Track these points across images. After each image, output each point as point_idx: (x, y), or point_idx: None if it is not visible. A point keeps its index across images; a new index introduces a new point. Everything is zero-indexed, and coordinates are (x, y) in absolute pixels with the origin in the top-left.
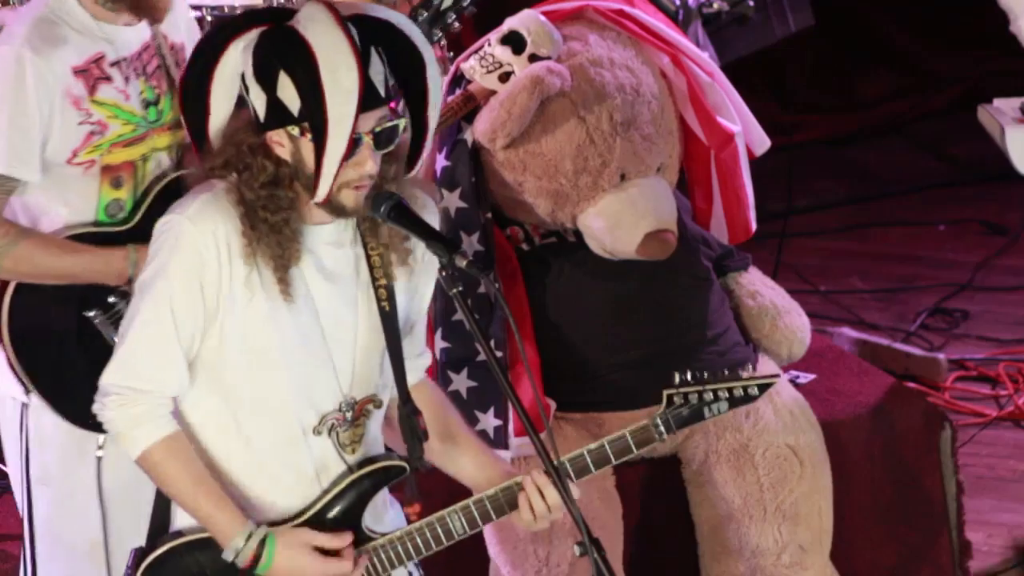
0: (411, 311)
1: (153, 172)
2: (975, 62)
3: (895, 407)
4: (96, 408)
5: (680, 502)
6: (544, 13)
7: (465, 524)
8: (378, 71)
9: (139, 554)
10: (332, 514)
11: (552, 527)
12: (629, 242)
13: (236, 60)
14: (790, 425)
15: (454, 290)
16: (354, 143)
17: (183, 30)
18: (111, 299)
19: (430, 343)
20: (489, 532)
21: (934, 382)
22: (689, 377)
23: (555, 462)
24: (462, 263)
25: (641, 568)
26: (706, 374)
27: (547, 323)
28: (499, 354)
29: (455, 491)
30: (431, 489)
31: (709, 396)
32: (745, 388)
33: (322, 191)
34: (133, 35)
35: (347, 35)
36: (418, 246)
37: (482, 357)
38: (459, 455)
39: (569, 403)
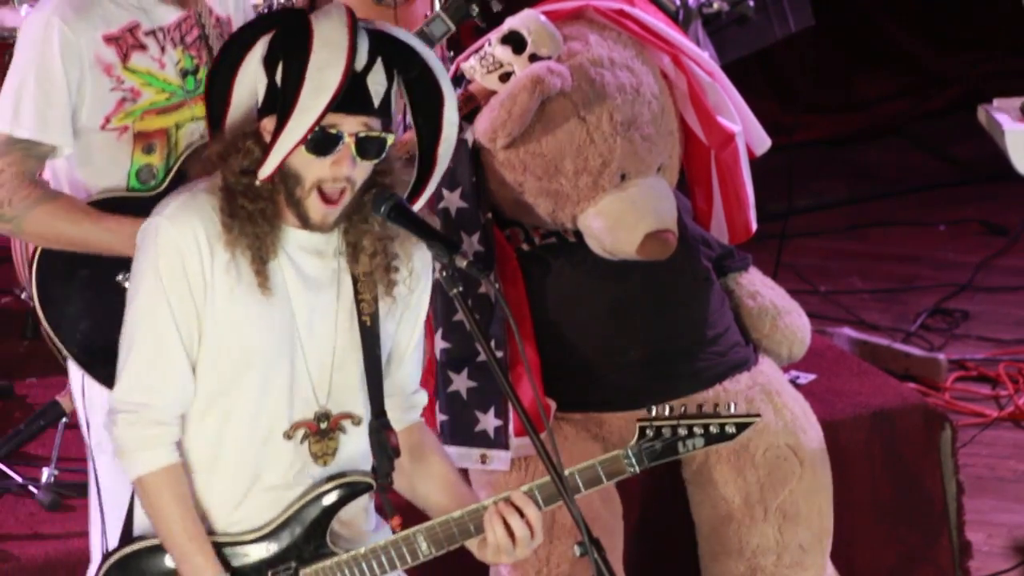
0: (398, 339)
1: (187, 140)
2: (975, 62)
3: (895, 407)
4: (105, 424)
5: (680, 502)
6: (544, 13)
7: (431, 545)
8: (379, 81)
9: (106, 555)
10: (295, 527)
11: (553, 527)
12: (629, 242)
13: (261, 56)
14: (790, 425)
15: (454, 290)
16: (334, 140)
17: (231, 5)
18: None
19: (430, 344)
20: None
21: (934, 382)
22: (666, 411)
23: (555, 463)
24: (462, 263)
25: (641, 568)
26: (684, 408)
27: (547, 323)
28: (499, 354)
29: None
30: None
31: (683, 431)
32: (722, 425)
33: (266, 169)
34: (171, 5)
35: (350, 37)
36: (403, 280)
37: (482, 357)
38: (427, 476)
39: (569, 403)
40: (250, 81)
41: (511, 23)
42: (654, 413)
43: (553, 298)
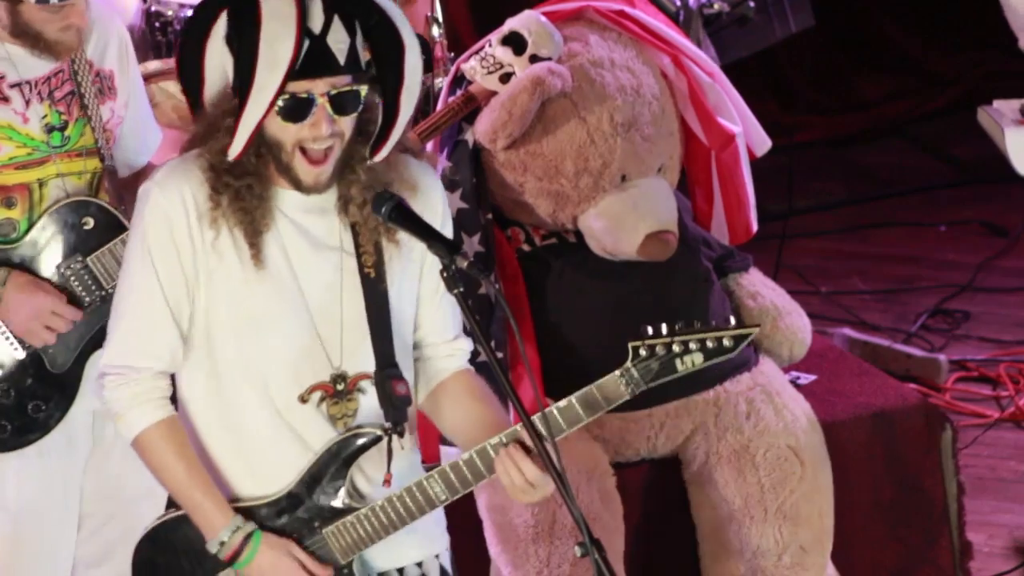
0: (422, 287)
1: (54, 196)
2: (975, 62)
3: (896, 408)
4: (95, 389)
5: (680, 502)
6: (545, 14)
7: (445, 490)
8: (340, 39)
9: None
10: (313, 486)
11: (553, 527)
12: (630, 243)
13: (223, 33)
14: (791, 426)
15: (455, 291)
16: (306, 104)
17: (115, 57)
18: None
19: None
20: (490, 533)
21: (935, 383)
22: (662, 329)
23: (555, 462)
24: (463, 264)
25: (641, 568)
26: (677, 326)
27: (547, 324)
28: (499, 355)
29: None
30: None
31: (679, 347)
32: (719, 339)
33: (233, 150)
34: (42, 59)
35: (297, 5)
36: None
37: (483, 358)
38: (466, 422)
39: None
40: (217, 57)
41: (512, 24)
42: (651, 332)
43: (553, 298)
